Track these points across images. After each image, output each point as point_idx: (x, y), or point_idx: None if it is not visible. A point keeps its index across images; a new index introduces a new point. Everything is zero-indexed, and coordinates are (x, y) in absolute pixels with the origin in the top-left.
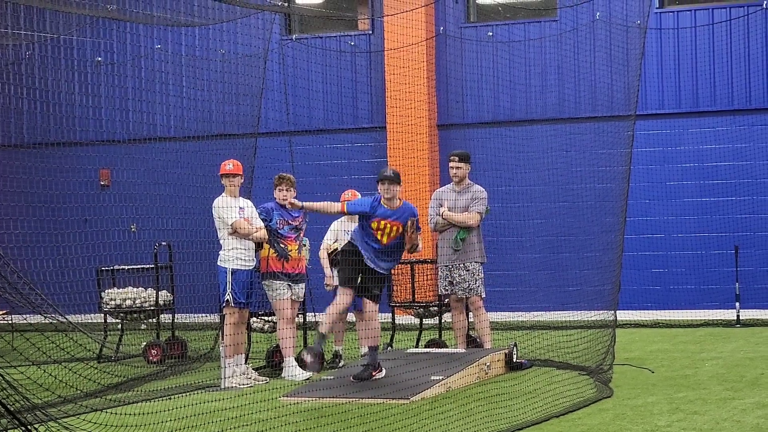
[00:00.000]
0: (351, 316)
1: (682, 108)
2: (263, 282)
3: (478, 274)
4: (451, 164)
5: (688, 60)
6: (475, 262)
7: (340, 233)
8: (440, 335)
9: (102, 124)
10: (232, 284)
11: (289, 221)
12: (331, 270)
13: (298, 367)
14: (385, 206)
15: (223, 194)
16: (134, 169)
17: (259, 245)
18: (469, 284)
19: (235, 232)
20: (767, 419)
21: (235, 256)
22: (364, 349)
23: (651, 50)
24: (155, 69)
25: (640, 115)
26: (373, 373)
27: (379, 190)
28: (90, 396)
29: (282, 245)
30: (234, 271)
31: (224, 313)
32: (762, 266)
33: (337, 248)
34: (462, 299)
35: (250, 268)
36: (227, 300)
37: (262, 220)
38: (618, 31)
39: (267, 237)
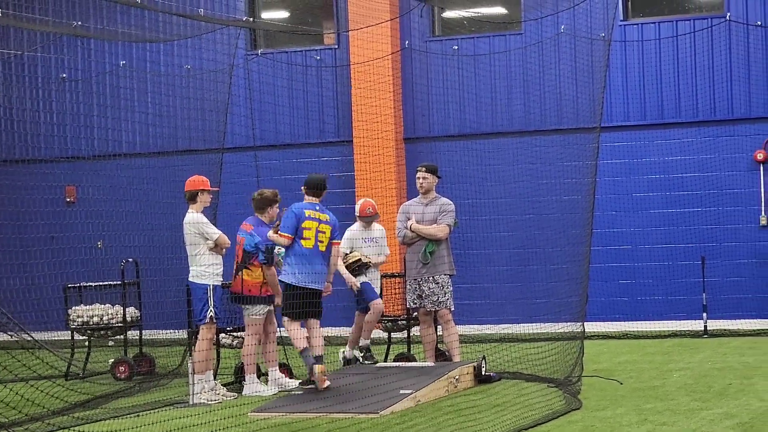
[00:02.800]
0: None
1: (648, 120)
2: (243, 305)
3: (447, 287)
4: (418, 175)
5: (652, 72)
6: (444, 274)
7: (356, 242)
8: (409, 349)
9: (67, 140)
10: (213, 300)
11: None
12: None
13: (259, 383)
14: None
15: (194, 210)
16: (100, 185)
17: (239, 267)
18: (438, 297)
19: (216, 247)
20: (736, 430)
21: (213, 272)
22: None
23: (616, 62)
24: (120, 85)
25: (605, 127)
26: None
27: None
28: (57, 414)
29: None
30: (214, 288)
31: (202, 329)
32: (728, 276)
33: (359, 258)
34: (431, 312)
35: (220, 283)
36: (210, 316)
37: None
38: (582, 44)
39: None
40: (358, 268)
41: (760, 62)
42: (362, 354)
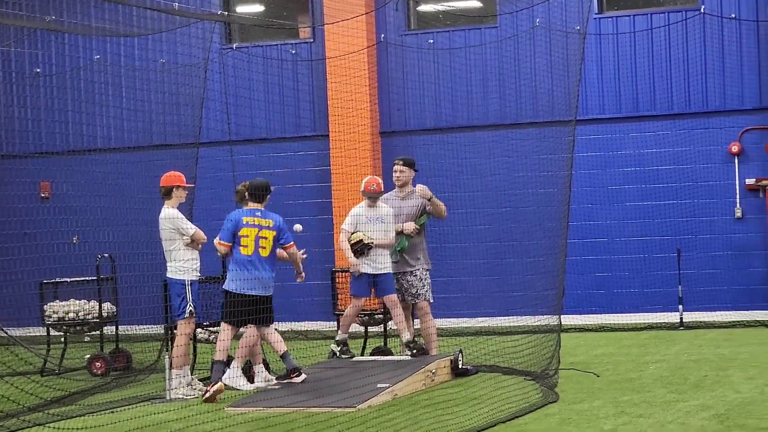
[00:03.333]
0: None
1: (623, 113)
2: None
3: (426, 279)
4: (395, 168)
5: (627, 65)
6: (423, 268)
7: (360, 219)
8: (385, 343)
9: (41, 136)
10: (192, 296)
11: None
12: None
13: (243, 377)
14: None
15: (169, 206)
16: (75, 181)
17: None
18: (417, 289)
19: (192, 242)
20: (711, 421)
21: (191, 267)
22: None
23: (591, 55)
24: (95, 80)
25: (580, 120)
26: (292, 376)
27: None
28: (32, 410)
29: None
30: (191, 283)
31: (180, 324)
32: (704, 269)
33: (361, 239)
34: (409, 306)
35: (198, 278)
36: (190, 311)
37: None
38: (558, 37)
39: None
40: (360, 249)
41: (735, 55)
42: (339, 348)
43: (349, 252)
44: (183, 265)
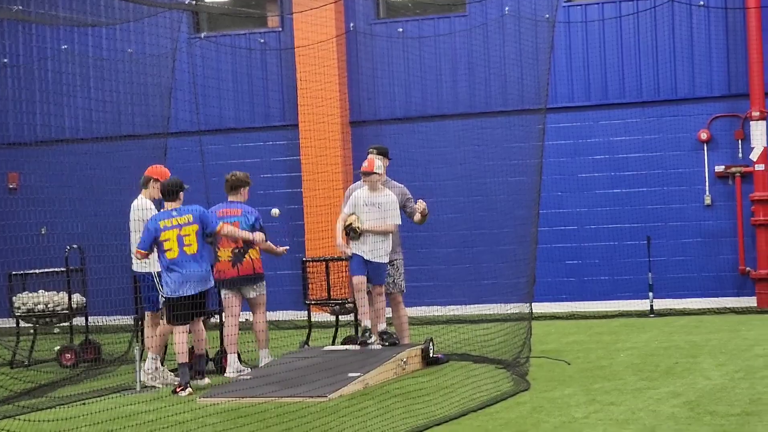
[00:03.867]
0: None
1: (592, 101)
2: (254, 285)
3: (401, 269)
4: (369, 157)
5: (596, 53)
6: (400, 258)
7: (359, 202)
8: (356, 332)
9: (9, 127)
10: (159, 287)
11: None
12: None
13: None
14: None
15: (143, 196)
16: (43, 171)
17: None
18: (394, 278)
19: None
20: (682, 408)
21: (154, 259)
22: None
23: (560, 44)
24: (62, 70)
25: (550, 108)
26: (178, 390)
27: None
28: (2, 403)
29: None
30: (158, 274)
31: (150, 315)
32: (674, 256)
33: (351, 223)
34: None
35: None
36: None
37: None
38: (527, 25)
39: None
40: (349, 233)
41: (704, 42)
42: (364, 338)
43: (338, 234)
44: (150, 257)
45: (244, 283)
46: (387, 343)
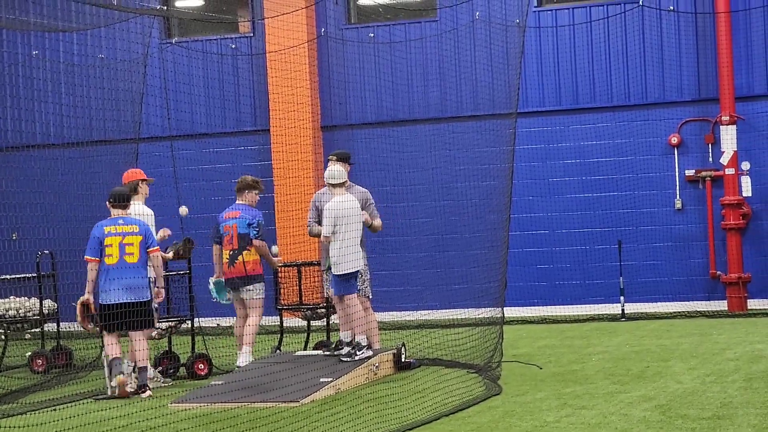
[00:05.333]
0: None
1: (563, 105)
2: (246, 287)
3: (366, 275)
4: (329, 165)
5: (567, 58)
6: (364, 264)
7: (339, 216)
8: (328, 337)
9: None
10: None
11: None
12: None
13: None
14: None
15: (138, 201)
16: (14, 177)
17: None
18: (359, 286)
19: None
20: (653, 412)
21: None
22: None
23: (530, 48)
24: (33, 76)
25: (521, 112)
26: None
27: None
28: None
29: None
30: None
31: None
32: (644, 260)
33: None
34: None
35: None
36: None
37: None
38: (497, 30)
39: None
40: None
41: (674, 47)
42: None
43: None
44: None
45: (236, 285)
46: (347, 359)
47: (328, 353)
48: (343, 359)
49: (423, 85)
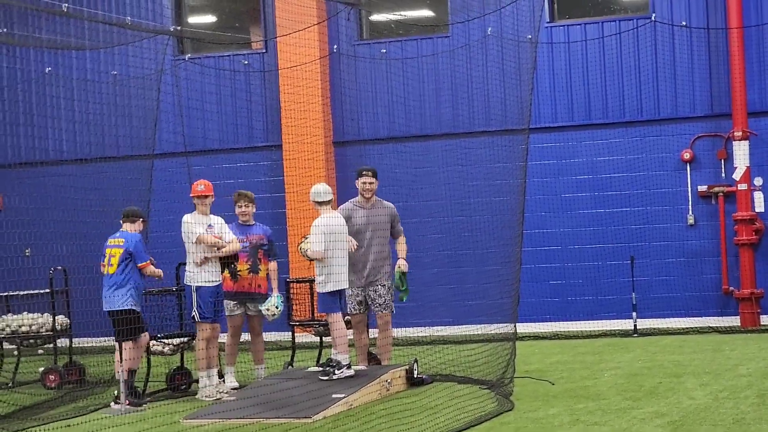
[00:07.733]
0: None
1: (575, 121)
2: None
3: (392, 290)
4: (364, 179)
5: (579, 73)
6: (390, 279)
7: (327, 234)
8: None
9: None
10: (198, 301)
11: (243, 239)
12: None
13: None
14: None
15: (194, 212)
16: (27, 193)
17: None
18: (385, 299)
19: (198, 242)
20: (666, 428)
21: (205, 270)
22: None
23: (543, 64)
24: (46, 93)
25: (533, 128)
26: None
27: None
28: None
29: (232, 265)
30: (198, 288)
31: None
32: (657, 276)
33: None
34: (364, 318)
35: (217, 283)
36: (193, 317)
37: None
38: (510, 46)
39: (238, 249)
40: None
41: (686, 62)
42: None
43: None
44: (190, 269)
45: (244, 299)
46: (324, 378)
47: (313, 370)
48: (321, 378)
49: (435, 100)
